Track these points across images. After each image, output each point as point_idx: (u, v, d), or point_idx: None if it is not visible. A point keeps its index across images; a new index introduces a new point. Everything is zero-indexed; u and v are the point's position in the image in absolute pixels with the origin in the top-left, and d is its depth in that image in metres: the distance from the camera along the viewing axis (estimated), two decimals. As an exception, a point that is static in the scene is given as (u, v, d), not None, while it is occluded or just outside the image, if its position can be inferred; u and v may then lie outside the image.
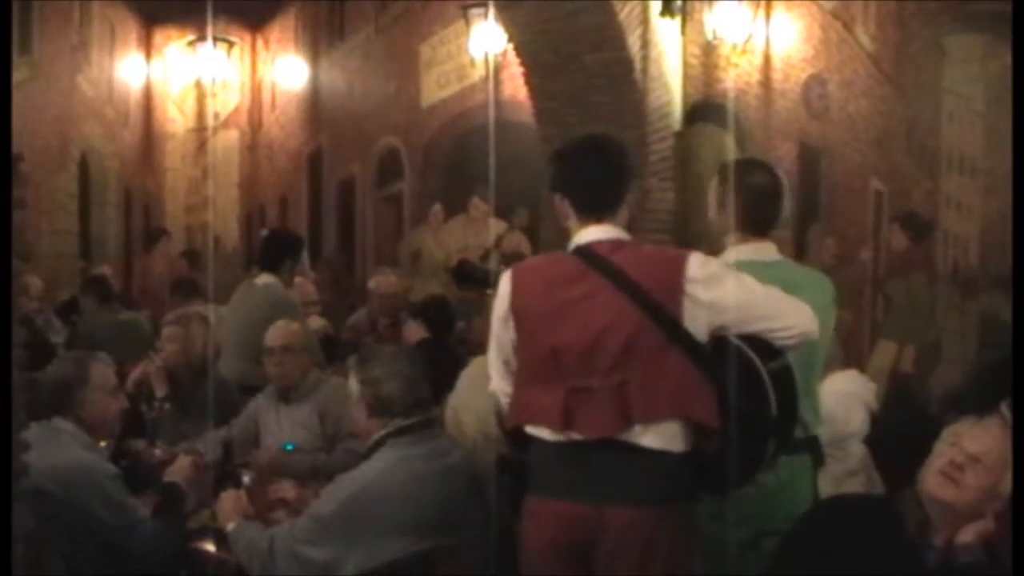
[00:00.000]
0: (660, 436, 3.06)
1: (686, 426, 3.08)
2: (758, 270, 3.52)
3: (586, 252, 3.16)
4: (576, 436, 3.09)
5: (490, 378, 3.45)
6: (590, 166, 3.29)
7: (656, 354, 3.03)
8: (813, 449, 3.65)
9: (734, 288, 3.11)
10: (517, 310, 3.24)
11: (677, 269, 3.06)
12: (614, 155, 3.33)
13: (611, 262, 3.10)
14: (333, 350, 6.73)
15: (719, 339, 3.11)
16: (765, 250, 3.65)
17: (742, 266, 3.57)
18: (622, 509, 3.05)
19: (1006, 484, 2.96)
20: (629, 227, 3.30)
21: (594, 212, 3.22)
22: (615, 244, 3.17)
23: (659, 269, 3.10)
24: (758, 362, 3.08)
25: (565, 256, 3.24)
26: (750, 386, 3.06)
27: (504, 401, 3.38)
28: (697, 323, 3.05)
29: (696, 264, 3.08)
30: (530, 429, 3.20)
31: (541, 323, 3.16)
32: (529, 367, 3.23)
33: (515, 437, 3.28)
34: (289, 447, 4.78)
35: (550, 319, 3.14)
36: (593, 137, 3.50)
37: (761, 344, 3.12)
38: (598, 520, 3.06)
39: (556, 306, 3.14)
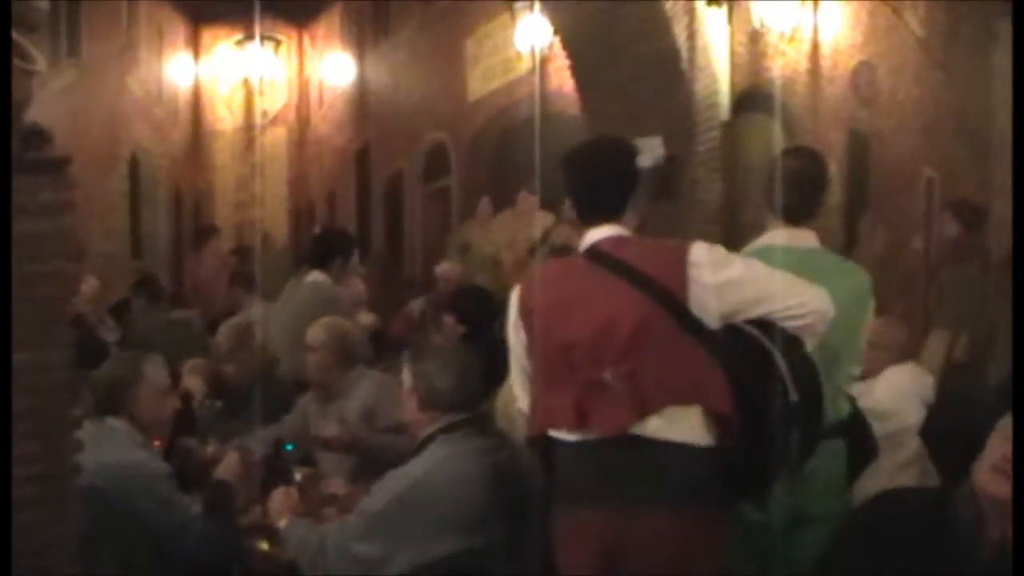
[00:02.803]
0: (678, 427, 3.02)
1: (705, 416, 3.04)
2: (790, 256, 3.52)
3: (592, 251, 3.17)
4: (592, 435, 3.07)
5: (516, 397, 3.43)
6: (588, 172, 3.28)
7: (666, 341, 3.02)
8: (849, 434, 3.62)
9: (740, 270, 3.10)
10: (525, 312, 3.25)
11: (681, 255, 3.06)
12: (612, 160, 3.29)
13: (616, 256, 3.11)
14: (382, 345, 6.74)
15: (734, 328, 3.08)
16: (802, 237, 3.64)
17: (774, 251, 3.57)
18: (649, 516, 3.00)
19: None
20: (678, 217, 3.28)
21: (594, 217, 3.22)
22: (619, 240, 3.16)
23: (663, 257, 3.10)
24: (771, 347, 3.05)
25: (572, 257, 3.26)
26: (768, 374, 3.03)
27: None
28: (706, 308, 3.03)
29: (701, 250, 3.08)
30: (553, 434, 3.18)
31: (549, 321, 3.15)
32: (542, 369, 3.21)
33: (539, 447, 3.26)
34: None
35: (558, 316, 3.13)
36: (594, 142, 3.50)
37: (780, 336, 3.08)
38: (624, 528, 3.02)
39: (563, 302, 3.13)
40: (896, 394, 4.58)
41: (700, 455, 3.03)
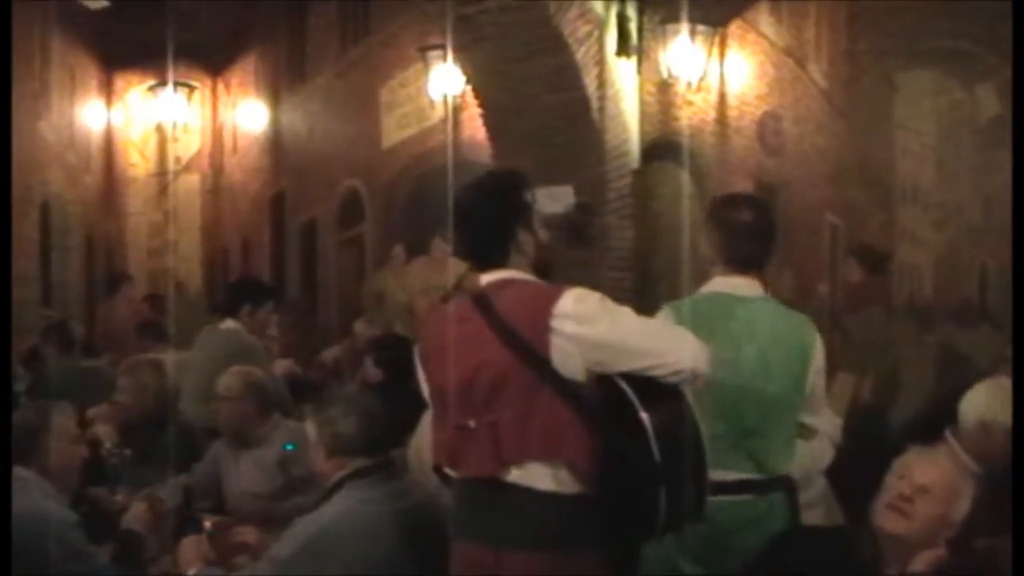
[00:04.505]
0: (542, 476, 3.01)
1: (571, 467, 3.01)
2: (733, 305, 3.58)
3: (479, 293, 3.14)
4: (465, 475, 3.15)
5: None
6: (461, 215, 3.25)
7: (526, 392, 2.99)
8: (789, 488, 3.64)
9: (608, 324, 3.01)
10: (420, 353, 3.35)
11: (547, 305, 3.00)
12: (479, 202, 3.22)
13: (492, 302, 3.08)
14: (300, 391, 6.72)
15: (603, 380, 3.02)
16: (745, 286, 3.63)
17: (715, 298, 3.63)
18: (517, 558, 3.01)
19: (957, 512, 3.01)
20: (590, 264, 3.27)
21: (475, 262, 3.22)
22: (503, 283, 3.12)
23: (530, 306, 3.04)
24: (637, 403, 2.94)
25: (463, 299, 3.22)
26: (632, 431, 2.92)
27: None
28: (571, 360, 2.98)
29: (570, 300, 3.01)
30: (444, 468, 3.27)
31: (433, 362, 3.24)
32: (433, 407, 3.31)
33: (440, 476, 3.32)
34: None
35: (437, 359, 3.19)
36: (473, 182, 3.31)
37: (661, 388, 2.99)
38: (494, 565, 3.03)
39: (443, 345, 3.15)
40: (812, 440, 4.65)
41: (565, 503, 3.01)
